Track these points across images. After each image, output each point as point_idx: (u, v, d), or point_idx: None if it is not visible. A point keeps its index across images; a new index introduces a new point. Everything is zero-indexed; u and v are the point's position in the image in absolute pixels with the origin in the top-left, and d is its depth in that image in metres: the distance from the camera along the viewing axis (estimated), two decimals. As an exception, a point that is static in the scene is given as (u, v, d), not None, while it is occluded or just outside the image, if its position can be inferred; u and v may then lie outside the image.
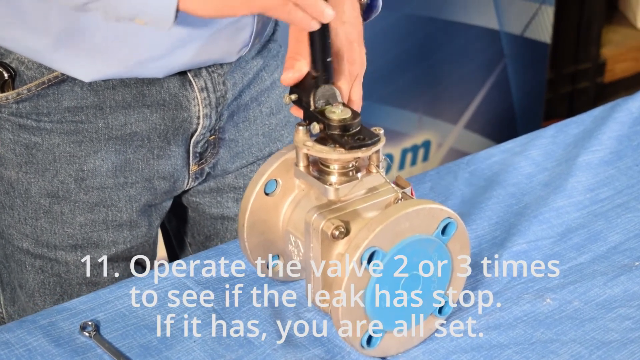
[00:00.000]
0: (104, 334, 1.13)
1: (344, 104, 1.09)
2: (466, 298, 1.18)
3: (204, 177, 1.32)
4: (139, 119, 1.20)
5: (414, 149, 2.65)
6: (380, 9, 1.22)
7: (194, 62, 1.19)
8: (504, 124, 2.79)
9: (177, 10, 1.02)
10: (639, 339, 1.14)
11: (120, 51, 1.14)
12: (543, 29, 2.72)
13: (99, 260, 1.27)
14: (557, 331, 1.15)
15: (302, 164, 1.10)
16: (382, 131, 1.07)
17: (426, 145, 2.67)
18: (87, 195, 1.23)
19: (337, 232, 1.05)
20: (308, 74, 1.10)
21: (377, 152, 1.08)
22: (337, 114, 1.06)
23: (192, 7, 1.01)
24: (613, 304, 1.19)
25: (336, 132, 1.06)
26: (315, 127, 1.07)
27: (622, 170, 1.43)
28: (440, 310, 1.12)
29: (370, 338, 1.09)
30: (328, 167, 1.08)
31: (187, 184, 1.30)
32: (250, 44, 1.22)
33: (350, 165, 1.08)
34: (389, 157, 2.62)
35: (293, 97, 1.11)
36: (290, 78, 1.10)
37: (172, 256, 1.48)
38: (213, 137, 1.28)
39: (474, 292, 1.20)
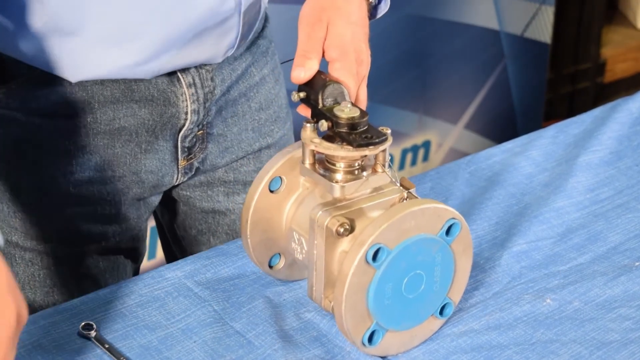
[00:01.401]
0: (104, 334, 1.13)
1: (352, 103, 1.09)
2: (466, 298, 1.19)
3: (193, 172, 1.32)
4: (127, 114, 1.21)
5: (414, 149, 2.65)
6: (387, 8, 1.22)
7: (179, 64, 1.20)
8: (504, 124, 2.79)
9: None
10: (639, 340, 1.13)
11: (105, 56, 1.15)
12: (543, 29, 2.72)
13: (88, 254, 1.27)
14: (557, 331, 1.15)
15: (308, 161, 1.10)
16: (389, 131, 1.08)
17: (426, 145, 2.67)
18: (76, 189, 1.23)
19: (341, 229, 1.06)
20: (317, 72, 1.11)
21: (384, 151, 1.08)
22: (345, 112, 1.07)
23: None
24: (613, 304, 1.19)
25: (344, 129, 1.07)
26: (324, 125, 1.08)
27: (622, 171, 1.43)
28: (441, 310, 1.12)
29: (371, 336, 1.09)
30: (334, 164, 1.09)
31: (177, 179, 1.30)
32: (235, 46, 1.22)
33: (357, 164, 1.09)
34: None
35: (301, 94, 1.11)
36: (303, 77, 1.10)
37: (167, 250, 1.48)
38: (201, 132, 1.28)
39: (474, 292, 1.20)
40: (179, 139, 1.26)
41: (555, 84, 3.05)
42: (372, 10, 1.21)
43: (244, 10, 1.18)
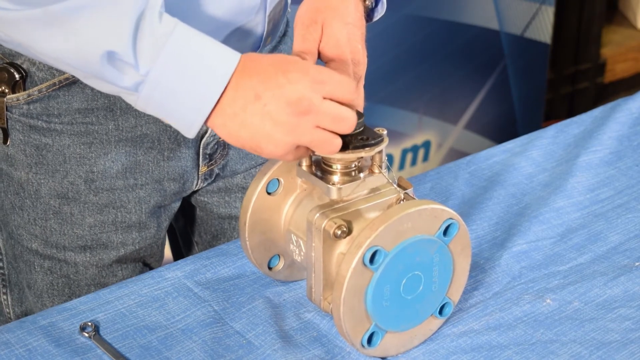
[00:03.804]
0: (104, 334, 1.13)
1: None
2: (466, 298, 1.19)
3: (213, 178, 1.32)
4: (149, 121, 1.20)
5: (414, 149, 2.65)
6: (384, 11, 1.22)
7: None
8: (504, 124, 2.79)
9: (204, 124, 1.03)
10: (639, 340, 1.14)
11: None
12: (543, 29, 2.72)
13: (108, 262, 1.27)
14: (557, 332, 1.15)
15: (304, 164, 1.10)
16: (385, 132, 1.07)
17: (426, 145, 2.66)
18: (97, 197, 1.23)
19: (339, 232, 1.06)
20: None
21: (380, 152, 1.08)
22: None
23: (218, 130, 1.03)
24: (613, 305, 1.19)
25: None
26: None
27: (622, 171, 1.43)
28: (440, 310, 1.12)
29: (370, 337, 1.09)
30: (331, 166, 1.08)
31: (196, 184, 1.30)
32: (261, 45, 1.22)
33: (353, 166, 1.08)
34: (389, 157, 2.62)
35: None
36: None
37: (178, 255, 1.48)
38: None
39: (474, 292, 1.20)
40: (201, 145, 1.26)
41: (555, 84, 3.05)
42: (369, 12, 1.20)
43: (269, 5, 1.18)
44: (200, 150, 1.26)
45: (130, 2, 0.98)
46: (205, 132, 1.25)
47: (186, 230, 1.42)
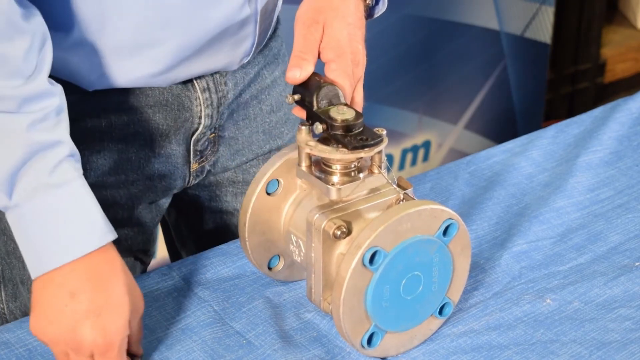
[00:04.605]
0: (104, 334, 1.13)
1: (347, 105, 1.09)
2: (466, 298, 1.19)
3: (204, 175, 1.32)
4: (141, 119, 1.20)
5: (414, 149, 2.65)
6: (385, 8, 1.22)
7: (195, 73, 1.19)
8: (504, 125, 2.79)
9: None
10: (639, 340, 1.14)
11: (121, 68, 1.14)
12: (543, 29, 2.72)
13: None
14: (557, 332, 1.15)
15: (304, 164, 1.10)
16: (384, 132, 1.07)
17: (426, 145, 2.66)
18: None
19: (338, 232, 1.06)
20: (312, 74, 1.10)
21: (380, 152, 1.08)
22: (340, 114, 1.07)
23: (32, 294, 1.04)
24: (613, 305, 1.19)
25: (339, 132, 1.06)
26: (318, 127, 1.07)
27: (622, 171, 1.43)
28: (440, 310, 1.12)
29: (370, 338, 1.09)
30: (330, 167, 1.08)
31: (188, 181, 1.30)
32: (251, 53, 1.22)
33: (353, 166, 1.08)
34: (389, 157, 2.62)
35: (296, 97, 1.11)
36: (299, 78, 1.10)
37: (172, 249, 1.48)
38: (213, 135, 1.28)
39: (474, 292, 1.20)
40: (192, 142, 1.26)
41: (555, 84, 3.05)
42: (369, 10, 1.21)
43: (260, 18, 1.18)
44: (191, 147, 1.26)
45: (20, 144, 1.01)
46: (197, 129, 1.25)
47: (178, 224, 1.43)
